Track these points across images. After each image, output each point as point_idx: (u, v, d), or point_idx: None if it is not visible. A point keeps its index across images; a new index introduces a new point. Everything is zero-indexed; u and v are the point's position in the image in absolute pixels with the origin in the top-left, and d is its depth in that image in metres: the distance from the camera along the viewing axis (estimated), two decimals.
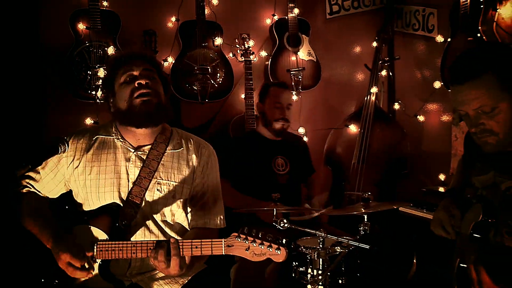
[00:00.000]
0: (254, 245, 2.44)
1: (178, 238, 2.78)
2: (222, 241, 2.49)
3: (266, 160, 4.49)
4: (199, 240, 2.52)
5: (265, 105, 4.60)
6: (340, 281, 3.44)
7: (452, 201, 2.81)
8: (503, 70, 2.30)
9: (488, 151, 2.42)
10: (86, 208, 2.85)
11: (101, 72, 4.43)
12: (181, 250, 2.51)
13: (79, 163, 2.87)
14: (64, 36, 4.51)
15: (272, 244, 2.42)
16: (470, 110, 2.36)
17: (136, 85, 2.79)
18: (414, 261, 4.67)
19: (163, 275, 2.81)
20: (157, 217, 2.87)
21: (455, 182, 3.04)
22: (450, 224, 2.69)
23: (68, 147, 2.67)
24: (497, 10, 4.51)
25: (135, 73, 2.83)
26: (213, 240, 2.51)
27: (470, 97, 2.33)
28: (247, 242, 2.45)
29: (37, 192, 2.90)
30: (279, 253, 2.42)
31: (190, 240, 2.53)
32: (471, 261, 2.15)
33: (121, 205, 2.79)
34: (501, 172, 2.47)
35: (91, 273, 2.65)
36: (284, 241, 2.44)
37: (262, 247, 2.43)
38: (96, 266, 2.67)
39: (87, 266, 2.63)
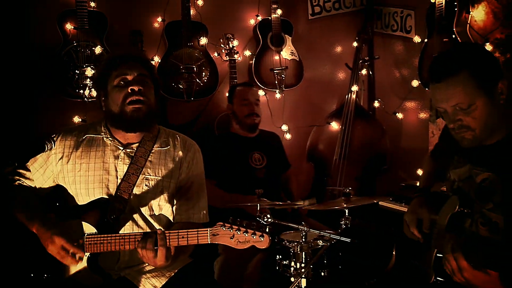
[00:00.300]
0: (239, 233, 2.46)
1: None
2: (207, 230, 2.52)
3: (243, 156, 4.53)
4: (186, 230, 2.55)
5: (234, 105, 4.66)
6: (322, 274, 3.46)
7: (421, 202, 2.84)
8: (478, 68, 2.35)
9: (466, 146, 2.46)
10: (76, 203, 2.87)
11: (89, 72, 4.43)
12: (167, 240, 2.53)
13: (68, 160, 2.88)
14: (52, 36, 4.49)
15: (256, 232, 2.45)
16: (448, 107, 2.40)
17: (129, 90, 2.80)
18: (394, 253, 4.71)
19: (151, 268, 2.84)
20: (145, 211, 2.89)
21: (425, 181, 3.07)
22: (417, 230, 2.75)
23: (54, 145, 2.69)
24: (470, 13, 4.58)
25: (129, 77, 2.84)
26: (198, 229, 2.54)
27: (447, 94, 2.37)
28: (231, 230, 2.48)
29: (28, 185, 2.90)
30: (262, 240, 2.45)
31: (176, 231, 2.56)
32: (449, 250, 2.18)
33: (109, 200, 2.80)
34: (477, 165, 2.51)
35: (80, 261, 2.64)
36: (267, 228, 2.47)
37: (246, 235, 2.46)
38: (85, 259, 2.66)
39: (77, 255, 2.62)
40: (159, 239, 2.52)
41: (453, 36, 4.48)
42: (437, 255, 2.55)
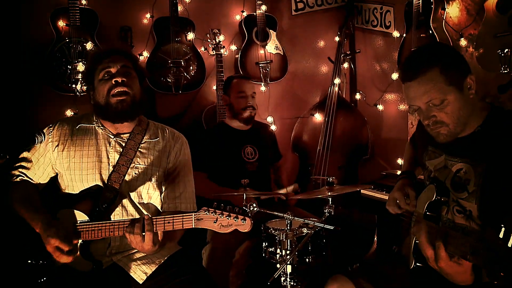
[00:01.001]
0: (222, 217, 2.48)
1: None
2: (192, 215, 2.53)
3: (235, 149, 4.47)
4: (171, 216, 2.57)
5: (231, 97, 4.57)
6: (307, 260, 3.47)
7: (407, 182, 2.88)
8: (447, 65, 2.35)
9: (442, 141, 2.46)
10: (71, 190, 2.89)
11: (80, 67, 4.40)
12: (154, 226, 2.55)
13: (64, 148, 2.92)
14: (45, 33, 4.45)
15: (238, 216, 2.48)
16: (422, 104, 2.41)
17: (113, 82, 2.83)
18: (375, 239, 4.73)
19: (141, 255, 2.86)
20: (135, 198, 2.91)
21: (407, 166, 3.09)
22: (404, 201, 2.77)
23: (44, 137, 2.75)
24: (446, 10, 4.59)
25: (113, 70, 2.87)
26: (183, 214, 2.56)
27: (420, 91, 2.38)
28: (215, 215, 2.49)
29: (29, 180, 2.94)
30: (244, 223, 2.48)
31: (162, 217, 2.57)
32: (425, 238, 2.18)
33: (102, 187, 2.84)
34: (452, 155, 2.53)
35: (76, 255, 2.67)
36: (250, 213, 2.53)
37: (229, 219, 2.48)
38: (77, 246, 2.69)
39: (72, 250, 2.63)
40: (146, 224, 2.53)
41: (430, 31, 4.49)
42: (416, 241, 2.54)
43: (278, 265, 3.31)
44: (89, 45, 4.47)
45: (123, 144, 2.94)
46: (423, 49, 2.52)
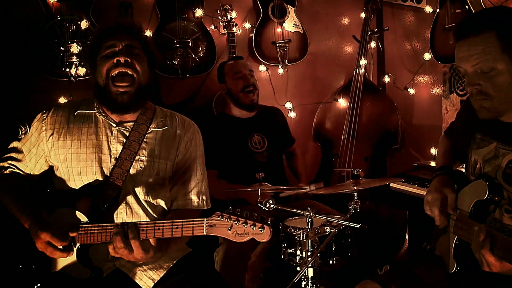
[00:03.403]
0: (237, 224, 2.40)
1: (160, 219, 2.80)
2: (203, 221, 2.45)
3: (242, 140, 4.46)
4: (180, 220, 2.49)
5: (227, 82, 4.57)
6: (330, 262, 3.44)
7: (445, 180, 2.76)
8: (507, 31, 2.29)
9: (483, 117, 2.41)
10: (68, 185, 2.84)
11: (75, 48, 4.38)
12: (160, 231, 2.49)
13: (59, 137, 2.87)
14: (34, 10, 4.41)
15: (256, 223, 2.38)
16: (468, 67, 2.36)
17: (115, 61, 2.76)
18: (406, 238, 4.70)
19: None
20: (141, 196, 2.86)
21: (443, 160, 2.99)
22: (440, 208, 2.65)
23: (29, 129, 2.65)
24: None
25: (117, 48, 2.80)
26: (194, 220, 2.47)
27: (470, 52, 2.33)
28: (229, 221, 2.41)
29: (20, 172, 2.90)
30: (262, 232, 2.38)
31: (171, 221, 2.50)
32: (480, 243, 2.12)
33: (103, 182, 2.79)
34: (504, 143, 2.45)
35: (71, 254, 2.62)
36: (269, 220, 2.40)
37: (245, 226, 2.39)
38: (74, 251, 2.64)
39: (67, 247, 2.60)
40: (129, 232, 2.48)
41: (466, 6, 4.45)
42: (456, 242, 2.49)
43: (298, 268, 3.28)
44: (84, 24, 4.44)
45: (127, 134, 2.88)
46: (482, 10, 2.47)
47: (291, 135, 4.93)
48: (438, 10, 4.84)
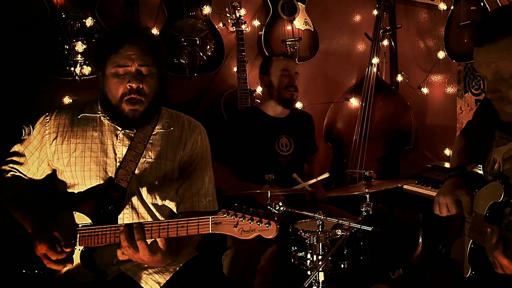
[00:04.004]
0: (243, 221, 2.37)
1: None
2: (209, 218, 2.43)
3: (269, 140, 4.43)
4: (186, 219, 2.47)
5: (271, 76, 4.51)
6: (342, 266, 3.43)
7: (459, 182, 2.74)
8: None
9: (505, 120, 2.37)
10: (71, 189, 2.83)
11: (79, 46, 4.38)
12: (165, 231, 2.47)
13: (63, 140, 2.85)
14: (37, 7, 4.42)
15: (262, 219, 2.36)
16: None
17: (128, 87, 2.73)
18: (420, 241, 4.68)
19: None
20: (147, 198, 2.85)
21: (458, 160, 2.96)
22: (455, 207, 2.64)
23: (32, 129, 2.61)
24: None
25: (130, 69, 2.74)
26: (199, 218, 2.46)
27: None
28: (235, 218, 2.39)
29: (22, 176, 2.89)
30: (268, 228, 2.35)
31: (176, 220, 2.49)
32: (494, 246, 2.10)
33: (107, 186, 2.77)
34: None
35: (68, 266, 2.61)
36: (275, 216, 2.39)
37: (251, 223, 2.36)
38: (78, 254, 2.63)
39: (64, 259, 2.58)
40: (135, 232, 2.46)
41: (482, 3, 4.42)
42: (471, 246, 2.47)
43: (308, 272, 3.27)
44: (89, 21, 4.45)
45: (132, 136, 2.87)
46: (501, 10, 2.41)
47: (315, 144, 4.91)
48: (452, 7, 4.83)
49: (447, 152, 5.21)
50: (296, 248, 3.45)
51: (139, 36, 2.82)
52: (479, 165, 2.81)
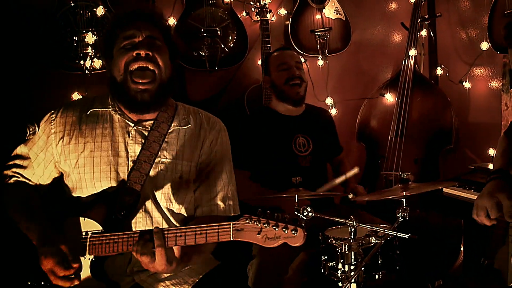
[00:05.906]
0: (267, 227, 2.35)
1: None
2: (230, 225, 2.41)
3: (285, 140, 4.42)
4: (205, 225, 2.45)
5: (272, 75, 4.52)
6: (376, 277, 3.41)
7: (501, 185, 2.72)
8: None
9: None
10: (79, 193, 2.81)
11: (90, 38, 4.41)
12: (167, 240, 2.45)
13: (70, 140, 2.84)
14: None
15: (288, 225, 2.33)
16: None
17: (134, 55, 2.72)
18: (461, 250, 4.65)
19: (170, 274, 2.79)
20: (162, 202, 2.84)
21: (501, 163, 2.94)
22: (496, 211, 2.61)
23: (38, 128, 2.61)
24: None
25: (136, 39, 2.76)
26: (219, 224, 2.43)
27: None
28: (259, 224, 2.36)
29: (27, 181, 2.88)
30: (295, 235, 2.32)
31: (194, 226, 2.46)
32: None
33: (119, 189, 2.75)
34: None
35: (75, 283, 2.57)
36: (302, 222, 2.36)
37: (276, 229, 2.34)
38: (88, 263, 2.61)
39: (71, 276, 2.55)
40: (155, 238, 2.43)
41: None
42: None
43: (340, 284, 3.28)
44: (99, 10, 4.47)
45: (146, 134, 2.85)
46: None
47: (339, 143, 4.88)
48: None
49: (491, 152, 5.18)
50: (326, 257, 3.44)
51: (145, 15, 2.85)
52: None
